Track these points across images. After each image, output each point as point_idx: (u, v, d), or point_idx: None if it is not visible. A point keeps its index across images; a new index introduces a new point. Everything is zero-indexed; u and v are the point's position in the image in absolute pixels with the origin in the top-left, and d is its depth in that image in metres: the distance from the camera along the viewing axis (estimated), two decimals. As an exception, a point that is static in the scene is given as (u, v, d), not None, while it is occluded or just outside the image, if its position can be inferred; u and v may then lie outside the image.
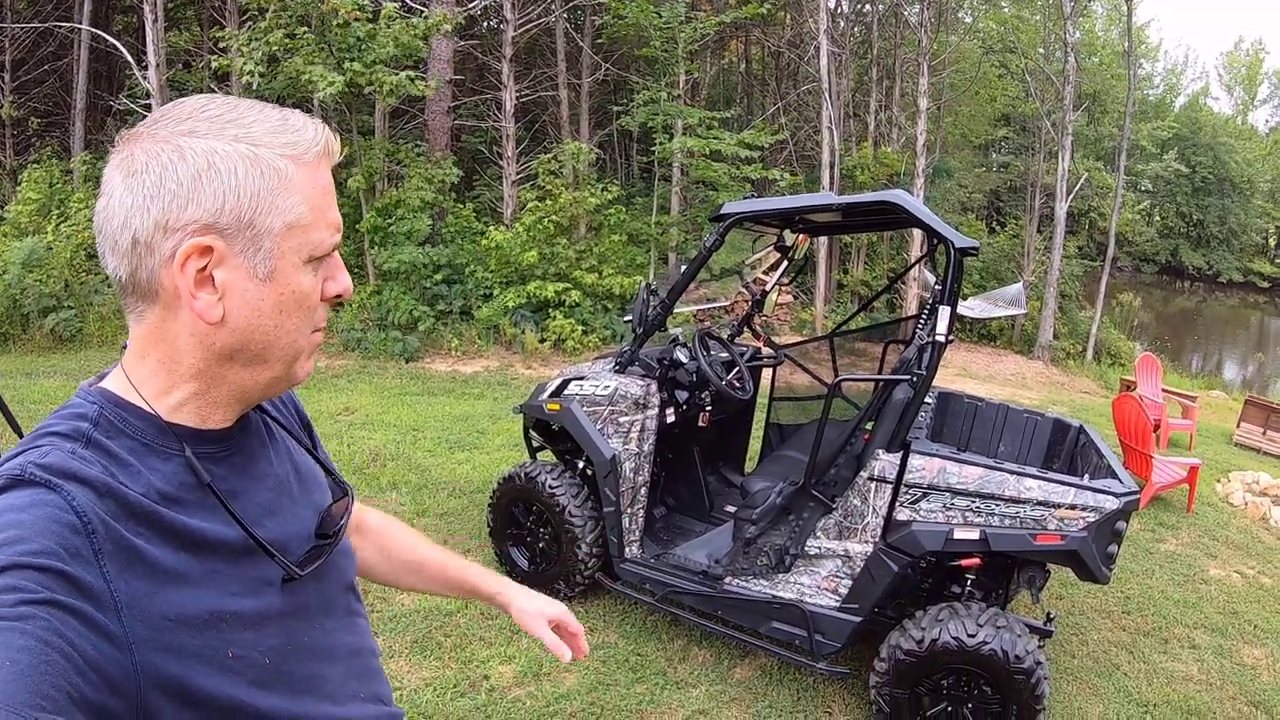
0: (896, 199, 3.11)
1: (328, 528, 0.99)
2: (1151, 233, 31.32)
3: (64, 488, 0.72)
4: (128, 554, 0.74)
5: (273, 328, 0.84)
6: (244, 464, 0.92)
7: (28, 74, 14.43)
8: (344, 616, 1.01)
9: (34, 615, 0.64)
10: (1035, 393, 11.86)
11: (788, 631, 3.36)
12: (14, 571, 0.65)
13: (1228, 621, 4.67)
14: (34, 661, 0.61)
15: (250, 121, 0.82)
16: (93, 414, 0.82)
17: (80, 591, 0.68)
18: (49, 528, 0.69)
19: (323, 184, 0.86)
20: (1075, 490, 3.00)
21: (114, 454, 0.79)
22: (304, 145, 0.83)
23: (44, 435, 0.79)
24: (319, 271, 0.87)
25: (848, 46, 16.26)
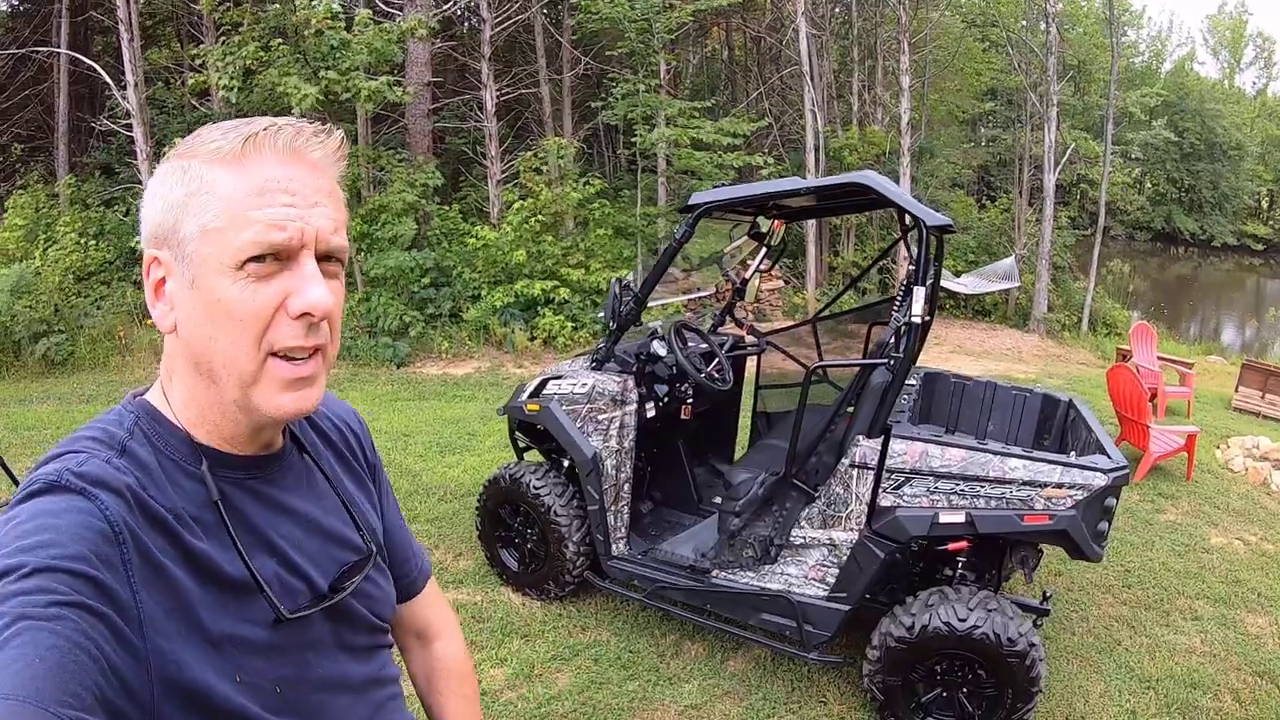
0: (866, 180, 3.06)
1: (339, 583, 0.96)
2: (1143, 200, 31.27)
3: (99, 496, 0.73)
4: (153, 568, 0.75)
5: (207, 339, 0.80)
6: (272, 495, 0.91)
7: (8, 100, 14.40)
8: (363, 651, 1.00)
9: (64, 616, 0.65)
10: (1031, 366, 11.81)
11: (777, 623, 3.32)
12: (47, 574, 0.67)
13: (1231, 591, 4.62)
14: (63, 660, 0.63)
15: (200, 136, 0.83)
16: (129, 424, 0.84)
17: (108, 599, 0.69)
18: (83, 534, 0.70)
19: (254, 182, 0.80)
20: (1062, 469, 2.95)
21: (145, 465, 0.80)
22: (228, 145, 0.80)
23: (82, 439, 0.81)
24: (272, 281, 0.80)
25: (828, 28, 16.18)
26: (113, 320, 10.11)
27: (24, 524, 0.70)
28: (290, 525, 0.92)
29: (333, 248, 0.84)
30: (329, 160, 0.86)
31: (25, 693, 0.59)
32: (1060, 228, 16.39)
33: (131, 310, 10.39)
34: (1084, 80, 20.07)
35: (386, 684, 1.04)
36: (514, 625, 3.91)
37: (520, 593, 4.17)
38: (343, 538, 1.00)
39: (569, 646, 3.73)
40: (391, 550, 1.14)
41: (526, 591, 4.14)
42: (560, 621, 3.94)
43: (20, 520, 0.71)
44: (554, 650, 3.70)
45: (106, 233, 11.53)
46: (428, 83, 12.18)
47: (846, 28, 17.01)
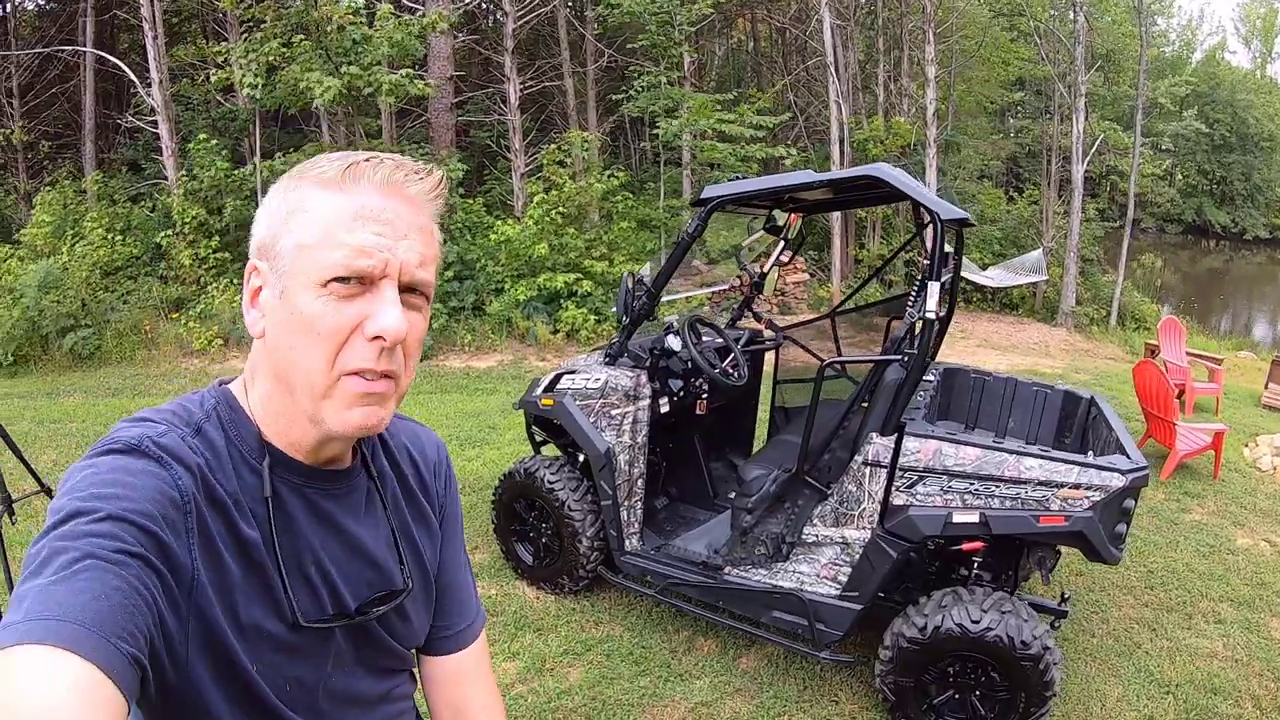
0: (879, 172, 3.02)
1: (366, 608, 0.97)
2: (1174, 192, 30.68)
3: (174, 467, 0.79)
4: (209, 541, 0.80)
5: (287, 349, 0.84)
6: (325, 508, 0.94)
7: (36, 98, 14.64)
8: (380, 671, 1.02)
9: (128, 564, 0.69)
10: (1059, 361, 11.66)
11: (789, 621, 3.30)
12: (118, 522, 0.71)
13: (1255, 593, 4.53)
14: (125, 601, 0.67)
15: (316, 160, 0.88)
16: (209, 407, 0.89)
17: (168, 559, 0.74)
18: (155, 496, 0.75)
19: (350, 207, 0.83)
20: (1079, 469, 2.89)
21: (215, 449, 0.85)
22: (331, 171, 0.85)
23: (164, 412, 0.86)
24: (354, 302, 0.83)
25: (853, 18, 16.02)
26: (139, 315, 10.28)
27: (102, 474, 0.75)
28: (336, 543, 0.94)
29: (416, 280, 0.86)
30: (425, 197, 0.89)
31: (91, 621, 0.63)
32: (1089, 220, 16.13)
33: (158, 305, 10.54)
34: (1113, 70, 19.72)
35: (398, 701, 1.06)
36: (527, 619, 3.93)
37: (534, 587, 4.19)
38: (384, 567, 1.00)
39: (581, 641, 3.74)
40: (441, 593, 1.13)
41: (541, 586, 4.16)
42: (573, 616, 3.96)
43: (100, 470, 0.76)
44: (566, 645, 3.71)
45: (133, 228, 11.67)
46: (450, 77, 12.23)
47: (872, 18, 16.84)
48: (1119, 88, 20.04)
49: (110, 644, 0.63)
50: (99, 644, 0.63)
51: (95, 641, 0.62)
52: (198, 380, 9.13)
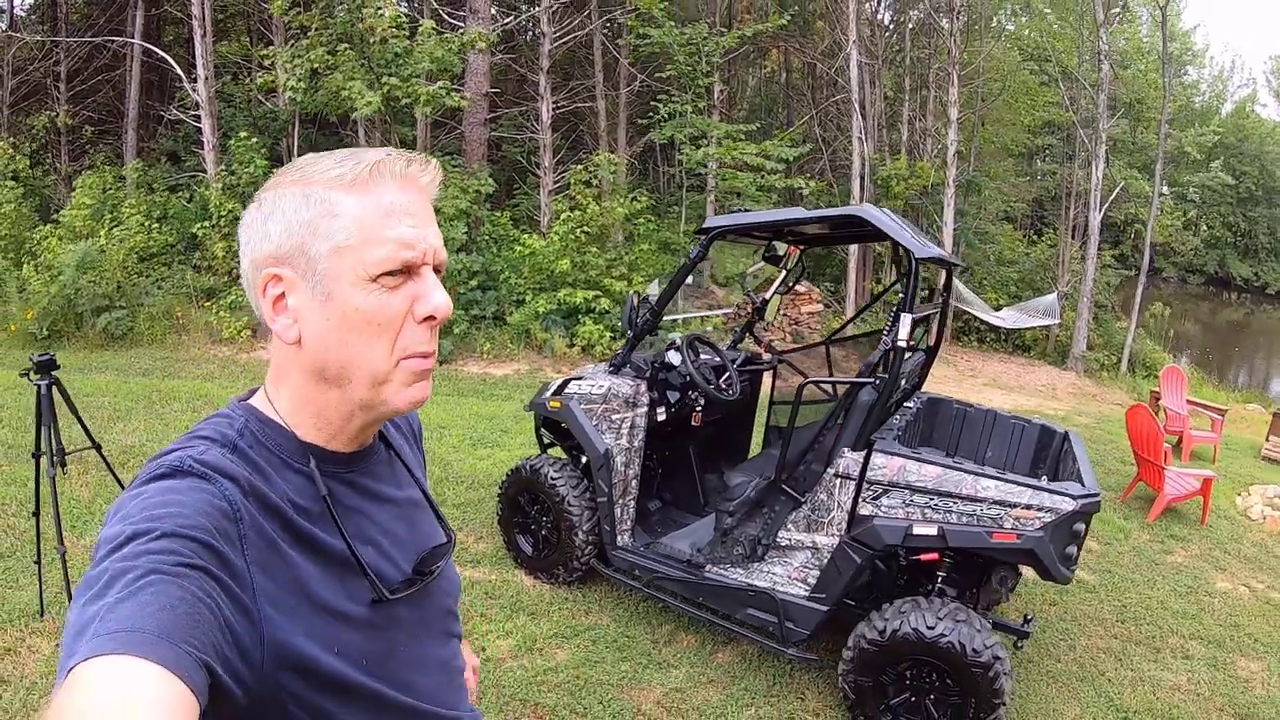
0: (861, 212, 3.31)
1: (425, 565, 1.05)
2: (1197, 243, 30.59)
3: (219, 480, 0.82)
4: (267, 543, 0.84)
5: (340, 345, 0.90)
6: (369, 485, 1.01)
7: (83, 84, 15.06)
8: (439, 635, 1.09)
9: (189, 575, 0.72)
10: (1064, 404, 11.82)
11: (761, 618, 3.57)
12: (174, 538, 0.74)
13: (1227, 634, 4.66)
14: (190, 610, 0.70)
15: (316, 163, 0.91)
16: (239, 425, 0.92)
17: (226, 567, 0.77)
18: (205, 510, 0.78)
19: (380, 205, 0.89)
20: (1032, 491, 3.14)
21: (254, 462, 0.88)
22: (351, 174, 0.89)
23: (197, 438, 0.89)
24: (400, 291, 0.90)
25: (880, 56, 16.32)
26: (171, 300, 10.67)
27: (152, 498, 0.78)
28: (383, 513, 1.02)
29: (441, 262, 0.95)
30: (432, 186, 0.95)
31: (158, 629, 0.66)
32: (1106, 266, 16.29)
33: (190, 292, 10.91)
34: (1135, 119, 19.86)
35: (456, 675, 1.13)
36: (523, 604, 4.21)
37: (532, 575, 4.48)
38: (424, 526, 1.10)
39: (571, 627, 4.02)
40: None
41: (538, 575, 4.45)
42: (565, 604, 4.24)
43: (149, 495, 0.79)
44: (556, 629, 3.99)
45: (170, 217, 12.02)
46: (486, 93, 12.60)
47: (901, 56, 17.14)
48: (1144, 136, 20.19)
49: (180, 649, 0.66)
50: (169, 649, 0.65)
51: (165, 647, 0.65)
52: (225, 367, 9.50)
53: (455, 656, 1.14)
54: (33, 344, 9.49)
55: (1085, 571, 5.28)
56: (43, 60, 14.79)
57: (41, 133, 14.53)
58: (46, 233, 11.21)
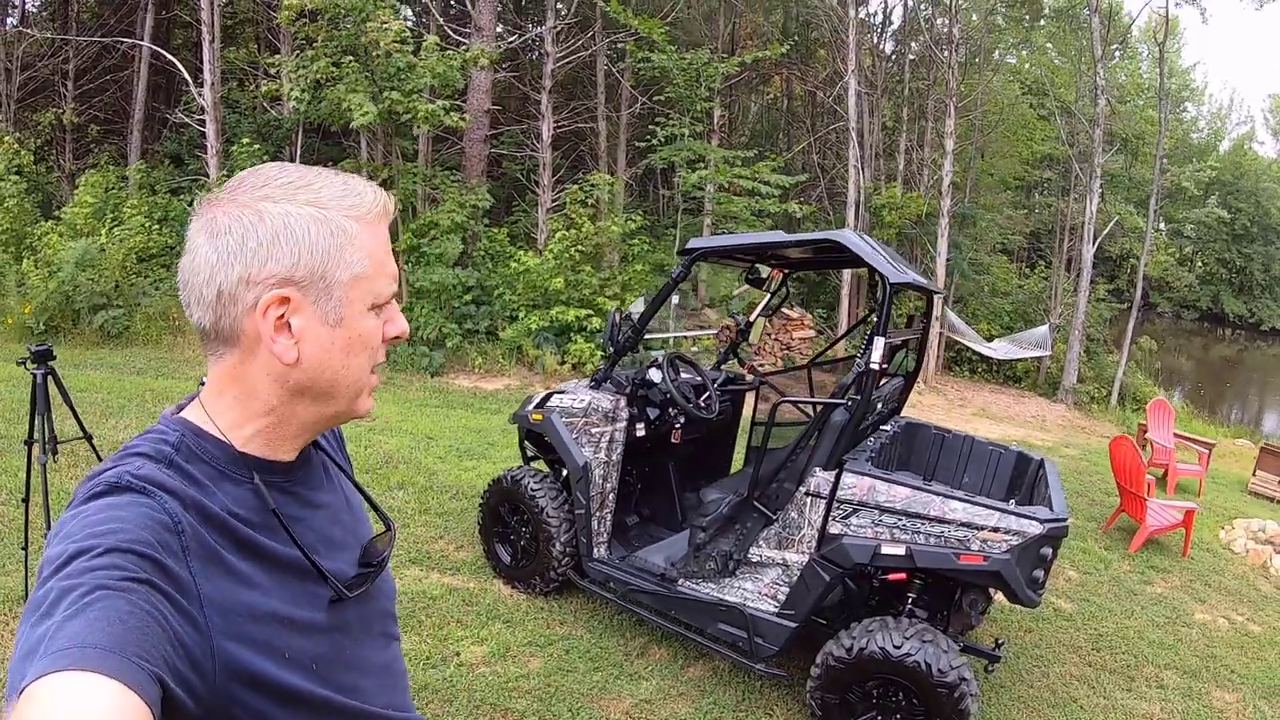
0: (840, 237, 3.39)
1: (370, 557, 1.08)
2: (1192, 279, 30.75)
3: (158, 494, 0.82)
4: (210, 555, 0.84)
5: (340, 367, 0.94)
6: (304, 494, 1.02)
7: (90, 83, 15.22)
8: (379, 637, 1.10)
9: (135, 589, 0.72)
10: (1052, 435, 11.87)
11: (731, 633, 3.60)
12: (118, 553, 0.74)
13: (1203, 665, 4.68)
14: (139, 624, 0.70)
15: (319, 187, 0.92)
16: (174, 440, 0.91)
17: (171, 579, 0.77)
18: (146, 524, 0.78)
19: (382, 240, 0.97)
20: (999, 514, 3.18)
21: (192, 477, 0.88)
22: (365, 207, 0.94)
23: (131, 454, 0.88)
24: (380, 316, 0.98)
25: (880, 86, 16.51)
26: (168, 301, 10.72)
27: (92, 516, 0.78)
28: (319, 518, 1.04)
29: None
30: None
31: (109, 644, 0.66)
32: (1100, 299, 16.40)
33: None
34: (1132, 154, 20.05)
35: (399, 677, 1.15)
36: (499, 612, 4.25)
37: (510, 584, 4.52)
38: (360, 521, 1.14)
39: (545, 636, 4.06)
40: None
41: (515, 584, 4.49)
42: (541, 614, 4.28)
43: (89, 513, 0.79)
44: (531, 637, 4.03)
45: (170, 219, 12.13)
46: (487, 110, 12.74)
47: (900, 86, 17.33)
48: (1140, 171, 20.39)
49: (132, 663, 0.66)
50: (121, 663, 0.65)
51: (117, 661, 0.65)
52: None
53: (397, 659, 1.16)
54: (29, 338, 9.56)
55: (1063, 600, 5.32)
56: (52, 57, 14.93)
57: (47, 129, 14.66)
58: (47, 229, 11.30)
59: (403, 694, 1.15)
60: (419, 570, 4.63)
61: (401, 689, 1.15)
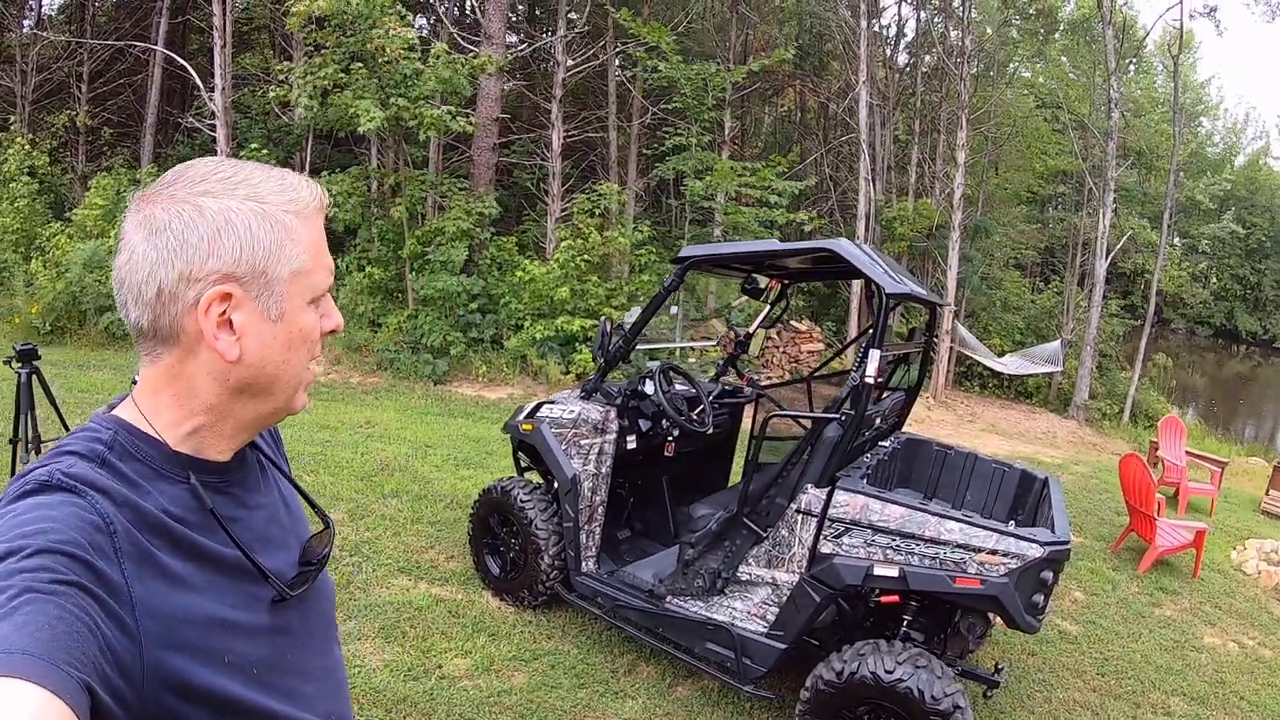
0: (836, 247, 3.30)
1: (310, 556, 1.07)
2: (1207, 294, 30.45)
3: (89, 493, 0.80)
4: (144, 557, 0.81)
5: (281, 362, 0.94)
6: (240, 495, 1.00)
7: (104, 86, 15.41)
8: (321, 641, 1.08)
9: (65, 593, 0.70)
10: (1062, 452, 11.71)
11: (719, 653, 3.51)
12: (46, 554, 0.72)
13: (1211, 691, 4.55)
14: (67, 629, 0.68)
15: (257, 182, 0.91)
16: (107, 438, 0.88)
17: (102, 582, 0.75)
18: (76, 524, 0.76)
19: (319, 234, 0.97)
20: (998, 536, 3.07)
21: (125, 476, 0.86)
22: (303, 201, 0.94)
23: (63, 453, 0.86)
24: (318, 310, 0.97)
25: (892, 98, 16.44)
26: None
27: (21, 515, 0.76)
28: (256, 518, 1.01)
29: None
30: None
31: (38, 650, 0.64)
32: (1113, 315, 16.23)
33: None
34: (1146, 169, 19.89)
35: (341, 684, 1.13)
36: (485, 624, 4.17)
37: (498, 597, 4.45)
38: (298, 520, 1.12)
39: (531, 650, 3.97)
40: None
41: (503, 597, 4.41)
42: (528, 627, 4.19)
43: (18, 513, 0.77)
44: (516, 651, 3.95)
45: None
46: (496, 118, 12.74)
47: (913, 99, 17.25)
48: (1154, 185, 20.23)
49: (60, 670, 0.64)
50: (49, 670, 0.63)
51: (45, 668, 0.63)
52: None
53: (339, 665, 1.14)
54: (35, 338, 9.61)
55: (1068, 622, 5.19)
56: (67, 60, 15.09)
57: (61, 131, 14.81)
58: (57, 230, 11.35)
59: (344, 701, 1.13)
60: (407, 580, 4.56)
61: (343, 696, 1.13)
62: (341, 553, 4.70)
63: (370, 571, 4.57)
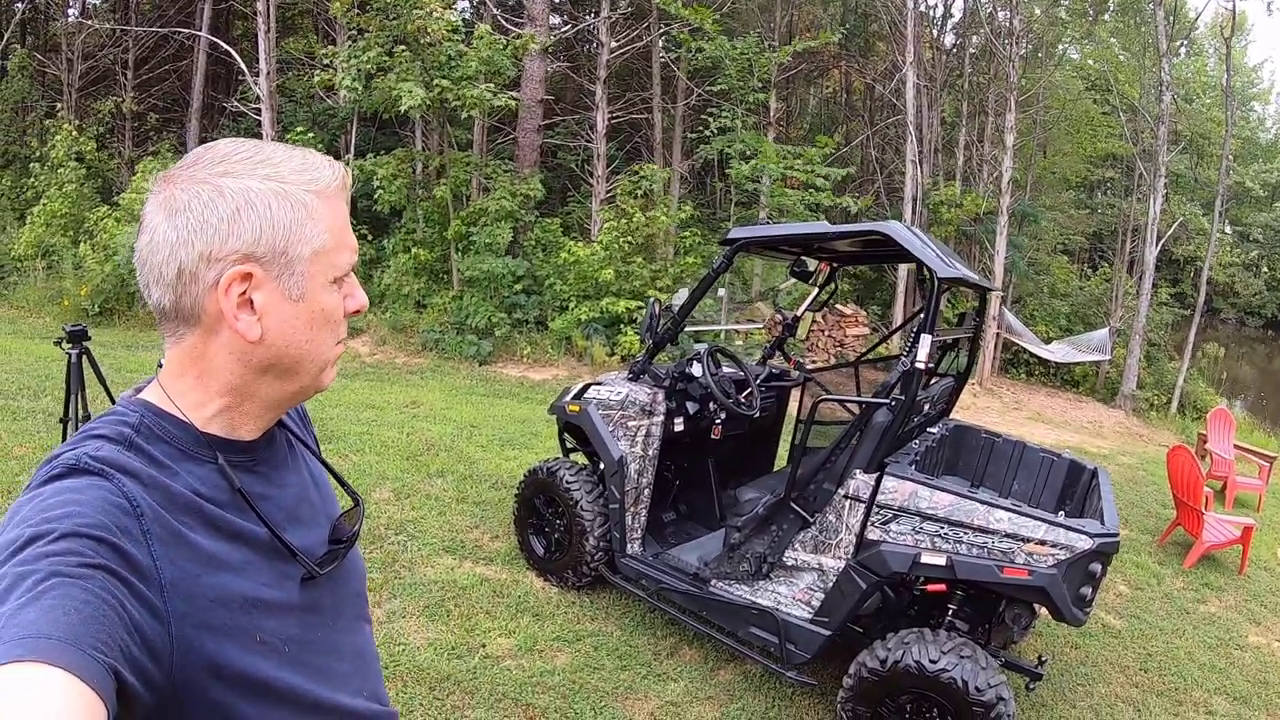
0: (887, 230, 3.27)
1: (340, 534, 1.08)
2: (1259, 284, 29.52)
3: (116, 476, 0.80)
4: (174, 538, 0.82)
5: (304, 342, 0.94)
6: (269, 473, 1.01)
7: (150, 72, 15.63)
8: (352, 619, 1.09)
9: (91, 576, 0.71)
10: (1108, 442, 11.51)
11: (763, 638, 3.52)
12: (73, 538, 0.73)
13: (1255, 691, 4.47)
14: (94, 612, 0.69)
15: (277, 162, 0.91)
16: (134, 421, 0.89)
17: (129, 565, 0.75)
18: (104, 507, 0.77)
19: (341, 213, 0.96)
20: (1047, 526, 3.03)
21: (153, 458, 0.86)
22: (324, 181, 0.94)
23: (90, 437, 0.86)
24: (341, 290, 0.97)
25: (939, 79, 16.16)
26: (221, 286, 10.99)
27: (48, 499, 0.77)
28: (286, 496, 1.02)
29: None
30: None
31: (64, 635, 0.65)
32: (1162, 304, 15.87)
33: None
34: (1196, 154, 19.34)
35: (371, 661, 1.13)
36: (529, 605, 4.22)
37: (542, 577, 4.50)
38: (328, 498, 1.13)
39: (574, 631, 4.02)
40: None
41: (547, 577, 4.46)
42: (572, 608, 4.24)
43: (45, 497, 0.77)
44: (559, 632, 4.00)
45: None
46: (541, 99, 12.75)
47: (960, 80, 16.95)
48: (1205, 172, 19.69)
49: (86, 654, 0.65)
50: (75, 655, 0.64)
51: (72, 653, 0.64)
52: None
53: (369, 643, 1.14)
54: (85, 320, 9.84)
55: (1112, 616, 5.13)
56: (112, 47, 15.34)
57: (108, 117, 15.06)
58: (104, 214, 11.58)
59: (376, 680, 1.13)
60: (452, 559, 4.63)
61: (376, 674, 1.14)
62: (387, 531, 4.78)
63: (415, 550, 4.64)
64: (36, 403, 6.24)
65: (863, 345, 13.73)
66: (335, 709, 0.99)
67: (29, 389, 6.59)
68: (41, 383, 6.76)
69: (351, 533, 1.09)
